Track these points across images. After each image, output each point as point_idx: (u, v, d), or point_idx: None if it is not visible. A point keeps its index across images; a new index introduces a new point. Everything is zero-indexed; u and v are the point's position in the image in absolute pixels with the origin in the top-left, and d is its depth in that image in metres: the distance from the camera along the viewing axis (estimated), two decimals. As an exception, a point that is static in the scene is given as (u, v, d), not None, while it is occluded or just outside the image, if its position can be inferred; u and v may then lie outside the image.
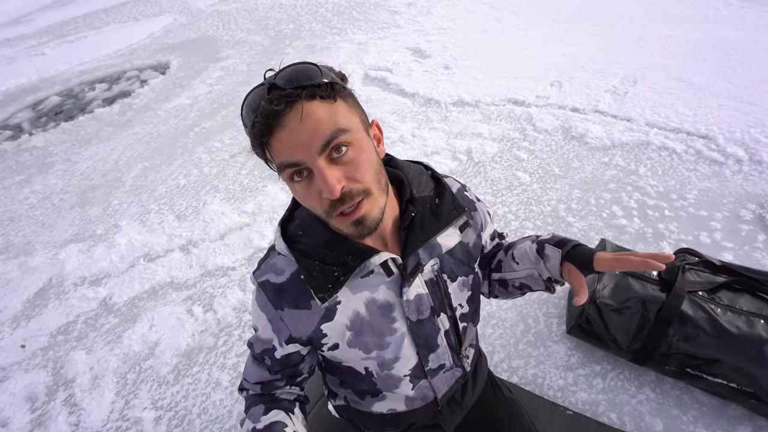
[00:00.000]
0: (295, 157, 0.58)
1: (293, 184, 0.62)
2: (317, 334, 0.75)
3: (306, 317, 0.73)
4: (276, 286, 0.73)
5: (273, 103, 0.56)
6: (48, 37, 7.05)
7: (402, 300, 0.75)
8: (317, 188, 0.59)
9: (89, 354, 1.90)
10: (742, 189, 2.03)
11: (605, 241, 1.57)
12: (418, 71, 3.63)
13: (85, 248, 2.50)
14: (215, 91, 4.07)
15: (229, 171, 2.90)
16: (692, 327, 1.25)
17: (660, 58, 3.14)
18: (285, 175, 0.60)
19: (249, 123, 0.59)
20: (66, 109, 4.52)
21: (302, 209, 0.75)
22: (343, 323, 0.74)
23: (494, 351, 1.58)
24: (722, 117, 2.48)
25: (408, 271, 0.75)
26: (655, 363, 1.34)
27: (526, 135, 2.68)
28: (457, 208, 0.80)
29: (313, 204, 0.62)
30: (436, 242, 0.79)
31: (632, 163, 2.30)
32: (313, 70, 0.59)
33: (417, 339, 0.81)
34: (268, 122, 0.56)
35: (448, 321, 0.84)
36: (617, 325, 1.36)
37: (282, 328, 0.74)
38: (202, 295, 2.06)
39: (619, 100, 2.80)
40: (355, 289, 0.73)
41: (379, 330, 0.76)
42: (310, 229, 0.72)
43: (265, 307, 0.74)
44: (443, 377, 0.92)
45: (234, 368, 1.71)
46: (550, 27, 3.95)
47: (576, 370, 1.48)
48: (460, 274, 0.84)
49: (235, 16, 5.94)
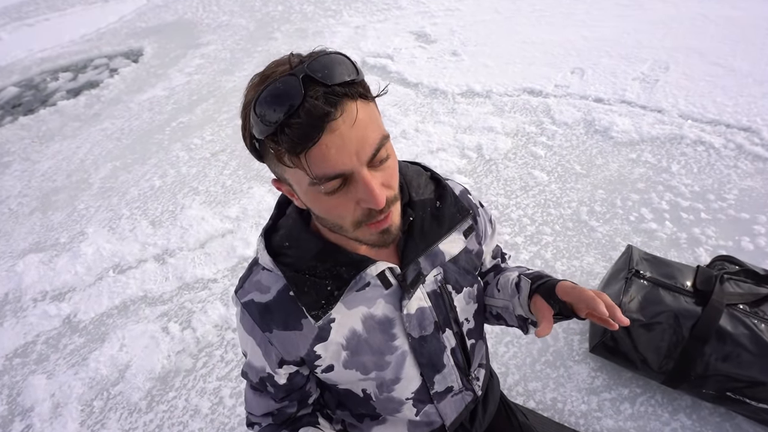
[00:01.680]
0: (344, 168, 0.56)
1: (324, 197, 0.59)
2: (310, 356, 0.75)
3: (297, 338, 0.74)
4: (262, 306, 0.73)
5: (320, 101, 0.52)
6: (3, 20, 7.12)
7: (402, 314, 0.76)
8: (354, 198, 0.59)
9: (50, 379, 1.91)
10: (788, 188, 2.05)
11: (632, 248, 1.58)
12: (422, 58, 3.66)
13: (46, 259, 2.52)
14: (194, 81, 4.10)
15: (210, 171, 2.92)
16: (732, 345, 1.25)
17: (695, 40, 3.16)
18: (323, 187, 0.57)
19: (276, 120, 0.53)
20: (25, 102, 4.56)
21: (287, 218, 0.76)
22: (339, 342, 0.75)
23: (508, 372, 1.59)
24: (767, 106, 2.49)
25: (408, 282, 0.75)
26: (690, 386, 1.34)
27: (543, 129, 2.69)
28: (461, 212, 0.81)
29: (342, 215, 0.61)
30: (439, 249, 0.80)
31: (664, 160, 2.32)
32: (347, 63, 0.57)
33: (420, 358, 0.81)
34: (317, 125, 0.53)
35: (454, 337, 0.85)
36: (647, 342, 1.36)
37: (272, 352, 0.75)
38: (179, 310, 2.07)
39: (649, 89, 2.81)
40: (351, 304, 0.73)
41: (378, 348, 0.77)
42: (297, 239, 0.72)
43: (252, 331, 0.75)
44: (451, 402, 0.92)
45: (215, 393, 1.72)
46: (571, 7, 3.98)
47: (601, 393, 1.48)
48: (466, 284, 0.84)
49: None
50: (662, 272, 1.45)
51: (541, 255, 1.97)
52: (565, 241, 2.01)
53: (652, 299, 1.38)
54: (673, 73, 2.90)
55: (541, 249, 2.00)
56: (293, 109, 0.52)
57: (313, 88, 0.53)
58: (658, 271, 1.45)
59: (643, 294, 1.40)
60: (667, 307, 1.35)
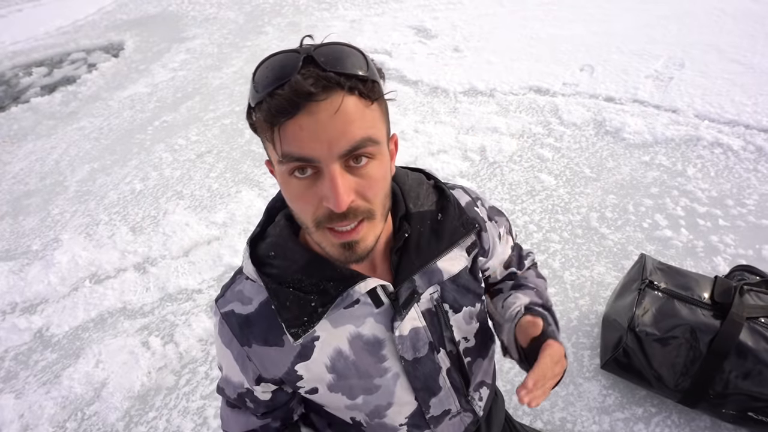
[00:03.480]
0: (312, 153, 0.57)
1: (290, 179, 0.61)
2: (291, 376, 0.74)
3: (277, 355, 0.73)
4: (242, 318, 0.73)
5: (308, 81, 0.55)
6: (-24, 13, 7.12)
7: (394, 336, 0.75)
8: (319, 193, 0.60)
9: (19, 398, 1.89)
10: (811, 194, 2.07)
11: (646, 256, 1.59)
12: (422, 54, 3.69)
13: (16, 267, 2.50)
14: (179, 77, 4.11)
15: (196, 174, 2.92)
16: (753, 361, 1.25)
17: (712, 36, 3.20)
18: (286, 167, 0.60)
19: (264, 89, 0.57)
20: (-4, 99, 4.55)
21: (275, 225, 0.76)
22: (323, 363, 0.74)
23: (514, 390, 1.58)
24: (787, 107, 2.53)
25: (401, 302, 0.75)
26: (709, 405, 1.34)
27: (550, 130, 2.71)
28: (465, 225, 0.80)
29: (305, 208, 0.62)
30: (437, 267, 0.79)
31: (679, 163, 2.33)
32: (360, 58, 0.59)
33: (414, 381, 0.81)
34: (295, 101, 0.55)
35: (449, 357, 0.84)
36: (662, 358, 1.37)
37: (249, 368, 0.74)
38: (161, 323, 2.06)
39: (663, 88, 2.84)
40: (337, 322, 0.73)
41: (365, 371, 0.76)
42: (284, 249, 0.72)
43: (230, 344, 0.74)
44: (449, 425, 0.92)
45: (199, 413, 1.71)
46: (579, 0, 4.02)
47: (613, 413, 1.48)
48: (466, 303, 0.84)
49: (203, -12, 6.04)
50: (678, 283, 1.45)
51: (548, 264, 1.98)
52: (574, 250, 2.02)
53: (667, 312, 1.38)
54: (689, 71, 2.93)
55: (548, 258, 2.01)
56: (281, 82, 0.56)
57: (308, 68, 0.56)
58: (674, 282, 1.46)
59: (658, 306, 1.41)
60: (684, 321, 1.35)
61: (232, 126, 3.31)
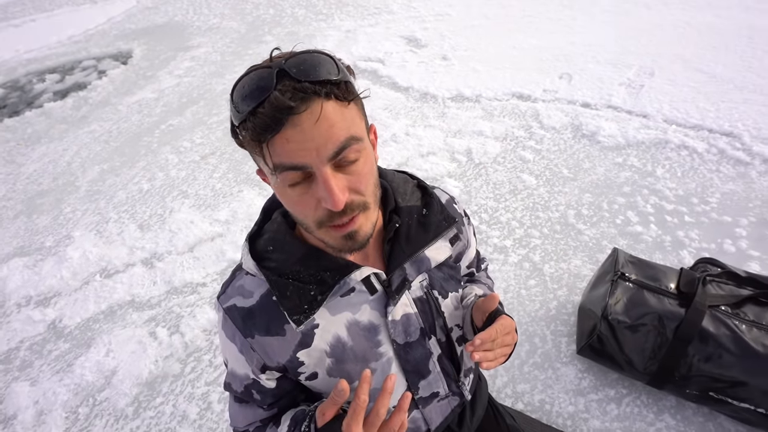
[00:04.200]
0: (302, 161, 0.57)
1: (286, 189, 0.61)
2: (293, 363, 0.74)
3: (279, 344, 0.73)
4: (244, 311, 0.72)
5: (286, 95, 0.54)
6: (-9, 22, 7.01)
7: (387, 320, 0.76)
8: (316, 195, 0.60)
9: (34, 385, 1.87)
10: (769, 192, 2.09)
11: (618, 250, 1.60)
12: (412, 62, 3.69)
13: (31, 263, 2.48)
14: (184, 83, 4.08)
15: (200, 174, 2.90)
16: (714, 346, 1.27)
17: (679, 47, 3.23)
18: (283, 177, 0.59)
19: (246, 109, 0.56)
20: (10, 103, 4.49)
21: (272, 222, 0.76)
22: (322, 349, 0.74)
23: (497, 374, 1.60)
24: (748, 112, 2.55)
25: (393, 288, 0.75)
26: (674, 386, 1.36)
27: (531, 133, 2.72)
28: (447, 219, 0.81)
29: (305, 212, 0.62)
30: (425, 256, 0.80)
31: (649, 164, 2.35)
32: (330, 63, 0.58)
33: (405, 364, 0.81)
34: (278, 117, 0.55)
35: (439, 345, 0.85)
36: (632, 344, 1.38)
37: (254, 358, 0.74)
38: (167, 315, 2.05)
39: (635, 95, 2.86)
40: (335, 309, 0.73)
41: (363, 356, 0.77)
42: (281, 243, 0.72)
43: (234, 337, 0.74)
44: (437, 407, 0.92)
45: (203, 398, 1.71)
46: (558, 13, 4.03)
47: (588, 395, 1.50)
48: (451, 289, 0.85)
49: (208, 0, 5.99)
50: (647, 274, 1.47)
51: (529, 258, 1.99)
52: (553, 244, 2.03)
53: (637, 301, 1.40)
54: (658, 79, 2.95)
55: (529, 252, 2.02)
56: (260, 100, 0.55)
57: (284, 82, 0.55)
58: (643, 274, 1.47)
59: (629, 296, 1.42)
60: (652, 309, 1.37)
61: (234, 129, 3.29)
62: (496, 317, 0.77)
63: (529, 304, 1.80)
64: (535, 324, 1.73)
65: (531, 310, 1.78)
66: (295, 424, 0.74)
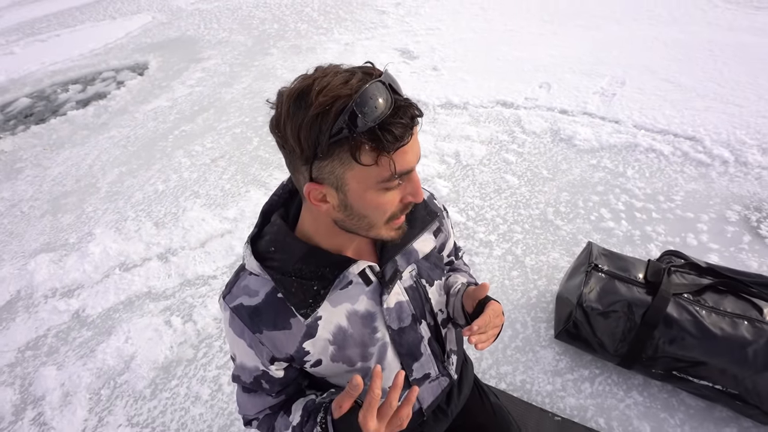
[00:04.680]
0: (412, 166, 0.60)
1: (383, 193, 0.61)
2: (300, 353, 0.74)
3: (286, 337, 0.73)
4: (251, 309, 0.72)
5: (412, 107, 0.57)
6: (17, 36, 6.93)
7: (383, 308, 0.76)
8: (403, 193, 0.63)
9: (60, 369, 1.87)
10: (728, 190, 2.10)
11: (592, 244, 1.61)
12: (405, 72, 3.68)
13: (56, 258, 2.46)
14: (196, 92, 4.05)
15: (210, 176, 2.89)
16: (677, 329, 1.28)
17: (647, 59, 3.23)
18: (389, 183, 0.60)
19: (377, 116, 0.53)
20: (37, 112, 4.45)
21: (272, 225, 0.75)
22: (326, 338, 0.74)
23: (482, 357, 1.61)
24: (709, 118, 2.56)
25: (387, 279, 0.76)
26: (642, 366, 1.37)
27: (514, 137, 2.72)
28: (430, 214, 0.83)
29: (389, 209, 0.64)
30: (413, 248, 0.81)
31: (620, 165, 2.36)
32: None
33: (399, 348, 0.82)
34: (410, 126, 0.57)
35: (429, 329, 0.85)
36: (604, 328, 1.39)
37: (263, 351, 0.74)
38: (181, 305, 2.04)
39: (607, 102, 2.87)
40: (335, 301, 0.73)
41: (362, 341, 0.77)
42: (282, 244, 0.71)
43: (243, 334, 0.73)
44: (429, 387, 0.93)
45: (214, 381, 1.71)
46: (539, 28, 4.03)
47: (564, 375, 1.51)
48: (436, 277, 0.86)
49: (217, 15, 5.94)
50: (618, 266, 1.48)
51: (512, 251, 2.00)
52: (533, 239, 2.04)
53: (609, 290, 1.41)
54: (629, 88, 2.96)
55: (512, 246, 2.03)
56: (395, 110, 0.54)
57: (397, 95, 0.56)
58: (614, 265, 1.48)
59: (601, 285, 1.43)
60: (622, 297, 1.38)
61: (242, 134, 3.28)
62: (486, 304, 0.78)
63: (511, 294, 1.81)
64: (517, 311, 1.74)
65: (513, 298, 1.79)
66: (308, 414, 0.74)
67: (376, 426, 0.62)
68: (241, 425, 1.55)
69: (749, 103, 2.63)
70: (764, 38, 3.25)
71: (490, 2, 4.78)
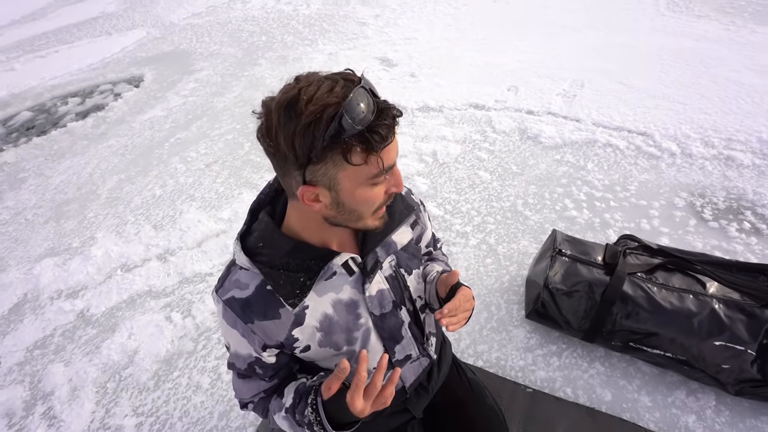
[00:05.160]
0: (394, 161, 0.62)
1: (371, 188, 0.62)
2: (289, 340, 0.74)
3: (276, 326, 0.72)
4: (242, 301, 0.71)
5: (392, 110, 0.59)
6: (18, 52, 6.66)
7: (365, 296, 0.76)
8: (388, 185, 0.64)
9: (67, 366, 1.82)
10: (675, 180, 2.15)
11: (556, 231, 1.63)
12: (386, 79, 3.66)
13: (60, 262, 2.39)
14: (189, 102, 3.96)
15: (205, 180, 2.84)
16: (632, 305, 1.31)
17: (603, 64, 3.28)
18: (377, 178, 0.61)
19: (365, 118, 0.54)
20: (38, 124, 4.29)
21: (259, 222, 0.74)
22: (313, 325, 0.74)
23: (461, 338, 1.61)
24: (658, 116, 2.61)
25: (368, 269, 0.76)
26: (603, 340, 1.40)
27: (486, 137, 2.74)
28: (407, 208, 0.83)
29: (375, 201, 0.65)
30: (392, 240, 0.81)
31: (581, 160, 2.39)
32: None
33: (382, 332, 0.82)
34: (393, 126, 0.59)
35: (408, 315, 0.85)
36: (568, 307, 1.41)
37: (255, 340, 0.73)
38: (180, 301, 2.00)
39: (569, 103, 2.90)
40: (321, 291, 0.73)
41: (346, 327, 0.77)
42: (270, 240, 0.71)
43: (235, 324, 0.73)
44: (410, 367, 0.93)
45: (213, 370, 1.68)
46: (507, 36, 4.05)
47: (535, 351, 1.53)
48: (414, 266, 0.86)
49: (209, 29, 5.79)
50: (579, 250, 1.50)
51: (486, 241, 2.01)
52: (505, 229, 2.06)
53: (572, 272, 1.43)
54: (587, 90, 3.00)
55: (486, 236, 2.04)
56: (378, 113, 0.56)
57: (377, 99, 0.58)
58: (577, 249, 1.51)
59: (565, 268, 1.45)
60: (584, 278, 1.40)
61: (234, 140, 3.22)
62: (457, 289, 0.79)
63: (486, 279, 1.82)
64: (491, 295, 1.75)
65: (488, 283, 1.80)
66: (300, 396, 0.74)
67: (362, 405, 0.62)
68: (239, 410, 1.53)
69: (692, 101, 2.69)
70: (704, 43, 3.33)
71: (461, 13, 4.78)
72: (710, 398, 1.31)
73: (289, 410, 0.74)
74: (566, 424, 1.29)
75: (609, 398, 1.36)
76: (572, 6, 4.38)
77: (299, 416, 0.72)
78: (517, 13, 4.49)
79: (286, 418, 0.75)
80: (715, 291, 1.28)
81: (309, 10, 5.73)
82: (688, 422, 1.27)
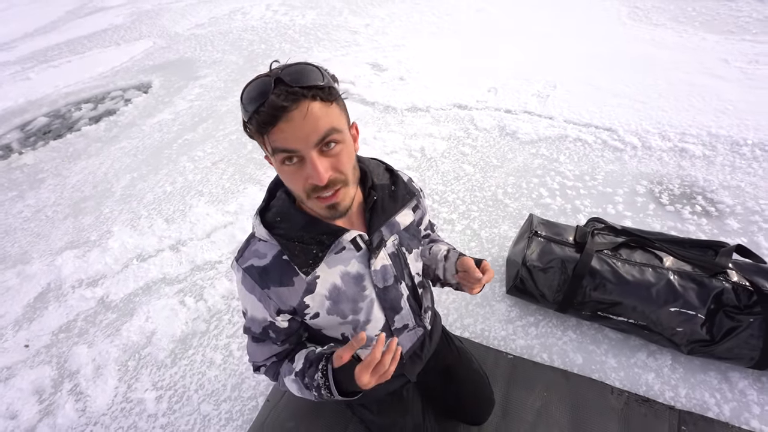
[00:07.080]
0: (293, 146, 0.58)
1: (283, 167, 0.61)
2: (301, 306, 0.75)
3: (289, 293, 0.73)
4: (260, 269, 0.72)
5: (281, 98, 0.56)
6: (32, 63, 6.47)
7: (370, 270, 0.77)
8: (305, 173, 0.60)
9: (91, 347, 1.81)
10: (637, 170, 2.19)
11: (533, 216, 1.65)
12: (377, 83, 3.64)
13: (80, 254, 2.36)
14: (195, 106, 3.91)
15: (212, 177, 2.81)
16: (600, 278, 1.35)
17: (573, 67, 3.30)
18: (278, 158, 0.60)
19: (251, 109, 0.57)
20: (54, 129, 4.19)
21: (277, 199, 0.75)
22: (323, 294, 0.75)
23: (449, 312, 1.64)
24: (621, 113, 2.65)
25: (374, 246, 0.77)
26: (574, 310, 1.43)
27: (469, 133, 2.75)
28: (409, 193, 0.84)
29: (296, 186, 0.63)
30: (395, 221, 0.82)
31: (554, 153, 2.42)
32: (316, 72, 0.59)
33: (384, 303, 0.83)
34: (275, 114, 0.56)
35: (407, 289, 0.87)
36: (544, 282, 1.44)
37: (270, 305, 0.74)
38: (192, 287, 2.00)
39: (543, 102, 2.92)
40: (331, 264, 0.74)
41: (353, 297, 0.78)
42: (287, 215, 0.72)
43: (253, 289, 0.74)
44: (407, 336, 0.95)
45: (225, 348, 1.69)
46: (486, 43, 4.05)
47: (515, 322, 1.56)
48: (414, 246, 0.87)
49: (211, 39, 5.69)
50: (553, 231, 1.53)
51: (470, 227, 2.03)
52: (487, 215, 2.08)
53: (547, 251, 1.46)
54: (559, 91, 3.02)
55: (470, 222, 2.06)
56: (261, 101, 0.56)
57: (279, 87, 0.57)
58: (551, 231, 1.54)
59: (541, 248, 1.48)
60: (557, 256, 1.43)
61: (237, 140, 3.19)
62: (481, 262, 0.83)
63: (470, 260, 1.84)
64: (475, 274, 1.77)
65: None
66: (310, 362, 0.75)
67: (368, 380, 0.64)
68: (250, 382, 1.54)
69: (651, 100, 2.73)
70: (661, 49, 3.37)
71: (445, 22, 4.76)
72: (667, 358, 1.35)
73: (299, 374, 0.76)
74: (543, 385, 1.33)
75: (580, 361, 1.40)
76: (545, 16, 4.40)
77: (308, 380, 0.73)
78: (496, 23, 4.49)
79: (295, 381, 0.76)
80: (671, 264, 1.32)
81: (304, 20, 5.65)
82: (648, 379, 1.32)
